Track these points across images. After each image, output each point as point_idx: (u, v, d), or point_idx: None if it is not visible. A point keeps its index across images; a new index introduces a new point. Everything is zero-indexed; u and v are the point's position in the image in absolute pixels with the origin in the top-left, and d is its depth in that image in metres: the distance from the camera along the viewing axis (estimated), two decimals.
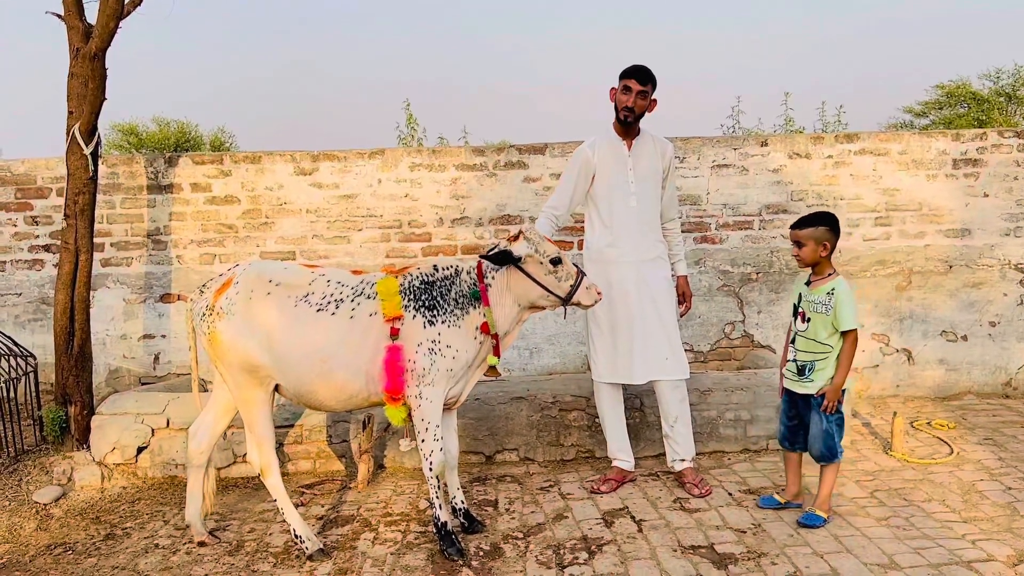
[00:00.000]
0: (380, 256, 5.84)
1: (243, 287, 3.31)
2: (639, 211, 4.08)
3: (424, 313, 3.31)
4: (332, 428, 4.57)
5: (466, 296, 3.38)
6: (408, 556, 3.37)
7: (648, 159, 4.10)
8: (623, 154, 4.10)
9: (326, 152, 5.83)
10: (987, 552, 3.19)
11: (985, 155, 5.93)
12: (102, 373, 5.73)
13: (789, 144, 5.94)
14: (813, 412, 3.56)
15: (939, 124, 18.10)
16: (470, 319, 3.38)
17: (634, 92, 3.97)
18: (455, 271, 3.43)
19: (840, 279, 3.56)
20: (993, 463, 4.31)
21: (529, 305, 3.47)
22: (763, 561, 3.19)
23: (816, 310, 3.54)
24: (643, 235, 4.09)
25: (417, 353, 3.28)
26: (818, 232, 3.53)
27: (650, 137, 4.14)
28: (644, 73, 3.99)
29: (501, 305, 3.41)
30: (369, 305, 3.31)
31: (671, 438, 4.14)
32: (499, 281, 3.42)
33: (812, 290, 3.58)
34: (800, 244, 3.57)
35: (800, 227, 3.58)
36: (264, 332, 3.26)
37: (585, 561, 3.26)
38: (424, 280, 3.38)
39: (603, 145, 4.12)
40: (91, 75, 4.53)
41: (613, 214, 4.09)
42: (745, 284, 5.93)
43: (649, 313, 4.04)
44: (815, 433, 3.54)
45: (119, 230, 5.79)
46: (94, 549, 3.61)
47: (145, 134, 20.10)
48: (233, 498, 4.22)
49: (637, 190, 4.07)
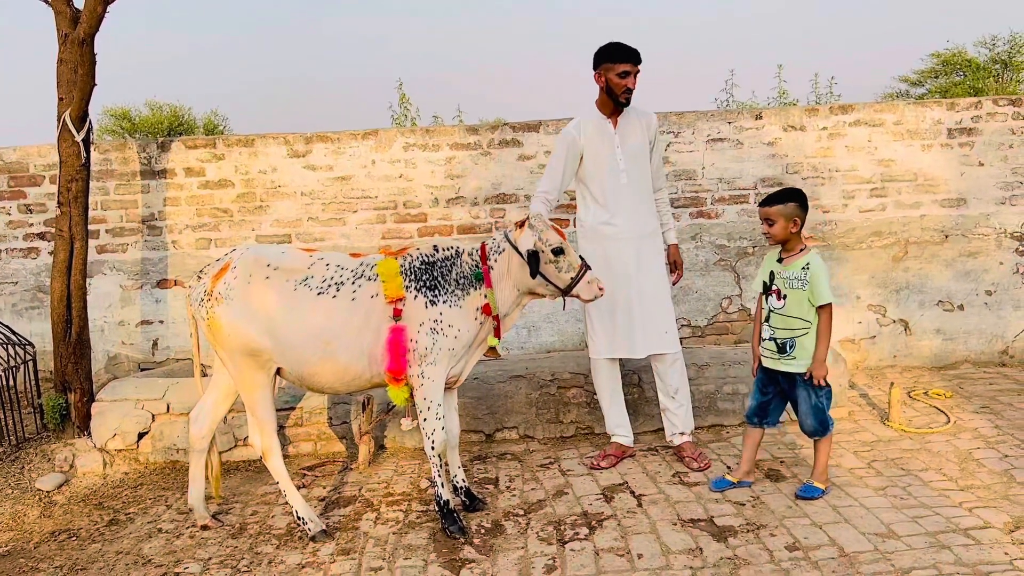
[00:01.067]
0: (376, 238, 5.83)
1: (241, 272, 3.31)
2: (631, 187, 4.08)
3: (426, 293, 3.32)
4: (332, 410, 4.59)
5: (467, 277, 3.39)
6: (410, 535, 3.40)
7: (634, 135, 4.11)
8: (609, 132, 4.10)
9: (319, 134, 5.81)
10: (984, 519, 3.22)
11: (980, 124, 5.92)
12: (101, 360, 5.74)
13: (784, 117, 5.92)
14: (800, 389, 3.54)
15: (935, 93, 18.02)
16: (471, 299, 3.39)
17: (633, 74, 3.97)
18: (455, 252, 3.44)
19: (813, 253, 3.54)
20: (990, 431, 4.34)
21: (527, 291, 3.48)
22: (762, 533, 3.22)
23: (792, 286, 3.51)
24: (637, 210, 4.10)
25: (419, 333, 3.29)
26: (788, 208, 3.50)
27: (633, 112, 4.14)
28: (637, 53, 3.97)
29: (500, 288, 3.43)
30: (370, 287, 3.31)
31: (670, 411, 4.17)
32: (500, 264, 3.43)
33: (786, 266, 3.55)
34: (770, 222, 3.53)
35: (769, 204, 3.54)
36: (264, 316, 3.26)
37: (586, 536, 3.28)
38: (424, 260, 3.38)
39: (589, 125, 4.12)
40: (80, 61, 4.49)
41: (606, 192, 4.09)
42: (741, 258, 5.93)
43: (647, 288, 4.07)
44: (805, 410, 3.53)
45: (114, 216, 5.78)
46: (98, 535, 3.63)
47: (138, 118, 19.98)
48: (235, 481, 4.24)
49: (627, 167, 4.08)
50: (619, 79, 3.98)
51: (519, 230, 3.41)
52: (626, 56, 3.96)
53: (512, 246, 3.41)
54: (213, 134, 19.30)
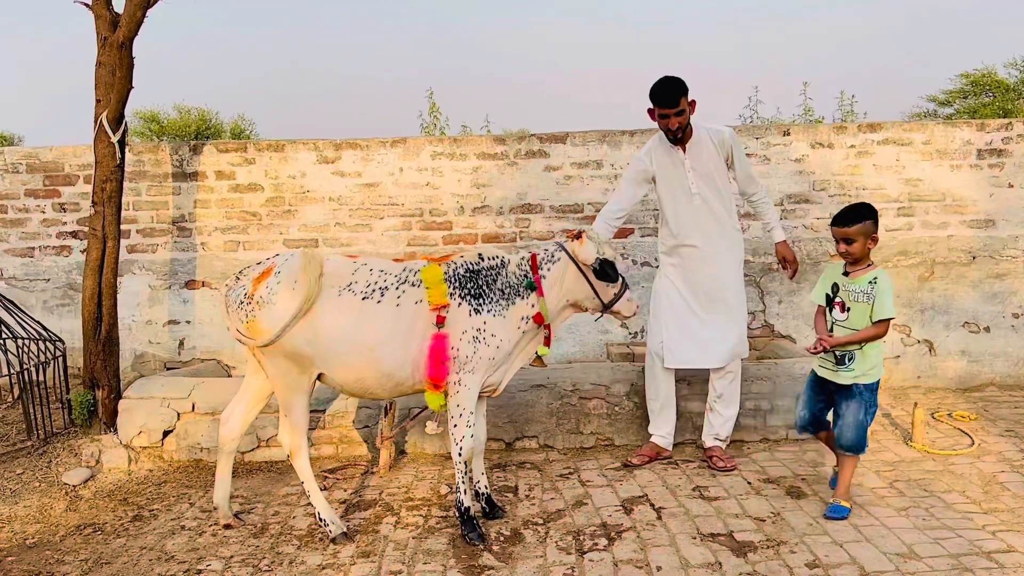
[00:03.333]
0: (401, 244, 5.87)
1: (285, 276, 3.31)
2: (705, 207, 4.21)
3: (470, 301, 3.34)
4: (355, 414, 4.62)
5: (512, 287, 3.42)
6: (430, 540, 3.42)
7: (705, 156, 4.19)
8: (679, 158, 4.20)
9: (348, 141, 5.87)
10: (1008, 543, 3.19)
11: (1010, 145, 5.87)
12: (128, 358, 5.82)
13: (811, 134, 5.91)
14: (851, 401, 3.54)
15: (963, 113, 17.86)
16: (515, 309, 3.41)
17: (670, 116, 4.04)
18: (501, 262, 3.47)
19: (881, 269, 3.56)
20: (1015, 455, 4.30)
21: (574, 302, 3.54)
22: (782, 549, 3.21)
23: (857, 299, 3.51)
24: (712, 228, 4.23)
25: (461, 340, 3.31)
26: (867, 227, 3.51)
27: (705, 132, 4.20)
28: (671, 96, 4.01)
29: (549, 297, 3.46)
30: (414, 293, 3.33)
31: (714, 412, 4.35)
32: (553, 274, 3.47)
33: (852, 280, 3.56)
34: (850, 240, 3.52)
35: (848, 224, 3.52)
36: (308, 322, 3.27)
37: (605, 547, 3.29)
38: (469, 268, 3.41)
39: (659, 151, 4.25)
40: (118, 64, 4.58)
41: (678, 214, 4.24)
42: (766, 274, 5.92)
43: (724, 303, 4.22)
44: (850, 422, 3.52)
45: (144, 217, 5.87)
46: (122, 530, 3.68)
47: (167, 121, 20.25)
48: (257, 481, 4.28)
49: (699, 190, 4.19)
50: (660, 120, 4.09)
51: (578, 241, 3.45)
52: (657, 101, 4.04)
53: (569, 256, 3.45)
54: (240, 138, 19.51)
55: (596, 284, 3.46)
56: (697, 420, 4.63)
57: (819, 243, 5.90)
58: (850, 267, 3.60)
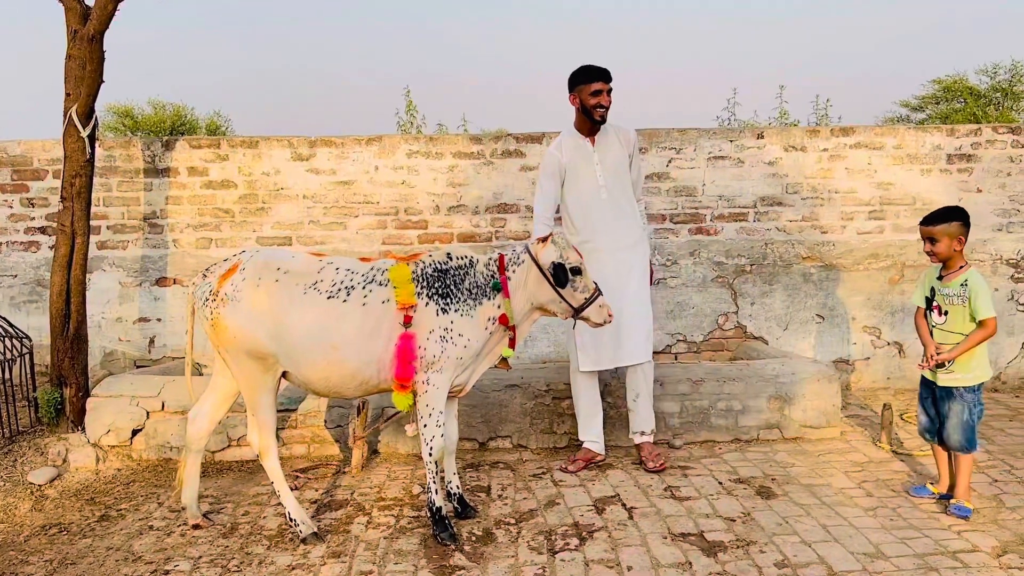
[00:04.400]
0: (376, 243, 5.85)
1: (250, 273, 3.30)
2: (611, 201, 4.21)
3: (437, 300, 3.33)
4: (327, 413, 4.59)
5: (480, 287, 3.41)
6: (401, 540, 3.41)
7: (613, 150, 4.23)
8: (588, 150, 4.23)
9: (323, 138, 5.84)
10: (972, 543, 3.24)
11: (979, 150, 5.97)
12: (97, 356, 5.75)
13: (785, 137, 5.96)
14: (954, 403, 3.57)
15: (935, 119, 18.11)
16: (483, 309, 3.41)
17: (605, 92, 4.10)
18: (469, 262, 3.46)
19: (973, 270, 3.56)
20: (981, 456, 4.36)
21: (539, 306, 3.53)
22: (752, 549, 3.23)
23: (953, 303, 3.55)
24: (616, 224, 4.22)
25: (428, 340, 3.30)
26: (952, 228, 3.51)
27: (611, 128, 4.27)
28: (606, 73, 4.13)
29: (515, 300, 3.46)
30: (381, 292, 3.32)
31: (632, 412, 4.32)
32: (518, 276, 3.46)
33: (945, 284, 3.59)
34: (934, 240, 3.54)
35: (934, 223, 3.54)
36: (272, 320, 3.26)
37: (576, 547, 3.29)
38: (437, 268, 3.40)
39: (568, 143, 4.27)
40: (89, 57, 4.52)
41: (585, 208, 4.23)
42: (739, 276, 5.96)
43: (629, 300, 4.17)
44: (955, 423, 3.56)
45: (115, 213, 5.79)
46: (88, 530, 3.63)
47: (141, 117, 20.01)
48: (227, 481, 4.24)
49: (606, 182, 4.21)
50: (592, 98, 4.12)
51: (541, 245, 3.46)
52: (598, 75, 4.11)
53: (533, 259, 3.45)
54: (216, 134, 19.33)
55: (561, 288, 3.45)
56: (668, 419, 4.66)
57: (791, 245, 5.95)
58: (944, 271, 3.62)
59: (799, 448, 4.56)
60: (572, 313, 3.51)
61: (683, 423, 4.70)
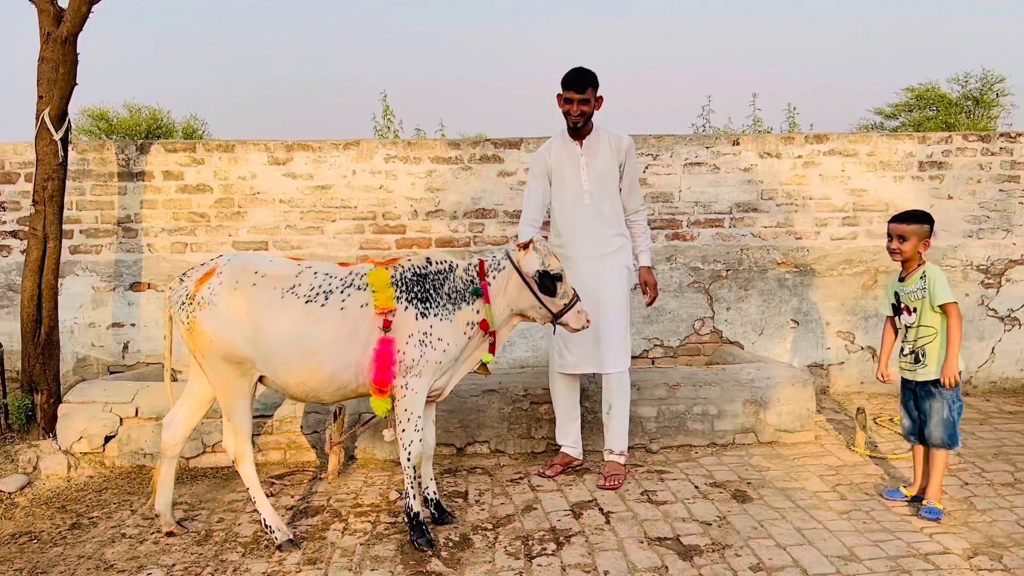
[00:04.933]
0: (354, 248, 5.83)
1: (227, 277, 3.28)
2: (593, 208, 4.17)
3: (416, 305, 3.33)
4: (303, 419, 4.57)
5: (459, 292, 3.42)
6: (378, 547, 3.39)
7: (602, 156, 4.18)
8: (576, 153, 4.19)
9: (301, 142, 5.81)
10: (944, 545, 3.28)
11: (950, 158, 6.06)
12: (69, 361, 5.68)
13: (760, 143, 6.02)
14: (934, 401, 3.64)
15: (908, 126, 18.35)
16: (461, 314, 3.41)
17: (575, 102, 4.05)
18: (449, 266, 3.46)
19: (929, 264, 3.68)
20: (952, 459, 4.41)
21: (519, 312, 3.54)
22: (727, 553, 3.25)
23: (917, 298, 3.66)
24: (597, 231, 4.18)
25: (408, 344, 3.29)
26: (923, 229, 3.63)
27: (605, 134, 4.22)
28: (580, 81, 4.04)
29: (495, 305, 3.46)
30: (360, 296, 3.31)
31: (607, 427, 4.27)
32: (498, 281, 3.47)
33: (906, 283, 3.70)
34: (903, 238, 3.64)
35: (907, 221, 3.66)
36: (249, 324, 3.24)
37: (553, 552, 3.30)
38: (416, 272, 3.40)
39: (557, 145, 4.24)
40: (62, 60, 4.47)
41: (567, 212, 4.21)
42: (715, 281, 6.00)
43: (604, 307, 4.13)
44: (936, 421, 3.63)
45: (89, 217, 5.73)
46: (60, 538, 3.58)
47: (116, 120, 19.77)
48: (202, 488, 4.21)
49: (590, 187, 4.17)
50: (564, 104, 4.09)
51: (523, 252, 3.47)
52: (567, 83, 4.05)
53: (514, 266, 3.46)
54: (192, 138, 19.15)
55: (540, 295, 3.46)
56: (646, 424, 4.68)
57: (767, 251, 6.00)
58: (904, 273, 3.73)
59: (774, 452, 4.60)
60: (551, 319, 3.53)
61: (660, 427, 4.72)
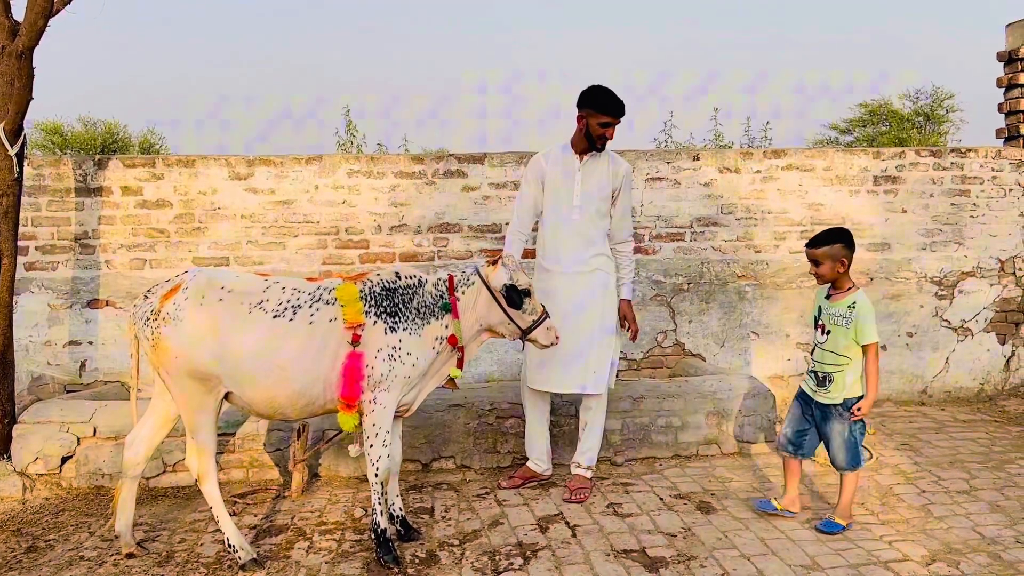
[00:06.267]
0: (316, 263, 5.80)
1: (193, 292, 3.25)
2: (580, 225, 4.15)
3: (385, 319, 3.33)
4: (266, 437, 4.52)
5: (428, 306, 3.42)
6: (343, 565, 3.36)
7: (598, 176, 4.16)
8: (573, 167, 4.17)
9: (262, 157, 5.77)
10: (903, 552, 3.34)
11: (904, 172, 6.21)
12: (24, 381, 5.54)
13: (720, 159, 6.12)
14: (834, 422, 3.60)
15: (862, 141, 18.80)
16: (430, 328, 3.41)
17: (611, 127, 4.05)
18: (418, 281, 3.47)
19: (860, 292, 3.61)
20: (909, 467, 4.51)
21: (489, 327, 3.55)
22: (692, 564, 3.28)
23: (836, 323, 3.58)
24: (581, 249, 4.15)
25: (376, 359, 3.29)
26: (834, 250, 3.57)
27: (606, 156, 4.19)
28: (621, 109, 4.05)
29: (463, 320, 3.47)
30: (328, 311, 3.30)
31: (580, 442, 4.29)
32: (467, 297, 3.48)
33: (832, 303, 3.63)
34: (817, 263, 3.61)
35: (816, 246, 3.62)
36: (216, 339, 3.20)
37: (520, 567, 3.30)
38: (385, 287, 3.39)
39: (556, 156, 4.21)
40: (17, 74, 4.40)
41: (554, 226, 4.19)
42: (677, 294, 6.07)
43: (581, 326, 4.10)
44: (838, 444, 3.59)
45: (44, 233, 5.62)
46: (15, 562, 3.49)
47: (70, 134, 19.48)
48: (163, 508, 4.13)
49: (580, 204, 4.14)
50: (600, 128, 4.05)
51: (492, 267, 3.48)
52: (613, 111, 4.02)
53: (483, 282, 3.47)
54: (149, 152, 18.92)
55: (510, 311, 3.48)
56: (611, 436, 4.70)
57: (727, 264, 6.09)
58: (832, 290, 3.67)
59: (737, 463, 4.66)
60: (520, 335, 3.54)
61: (624, 440, 4.75)
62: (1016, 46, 6.33)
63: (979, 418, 5.68)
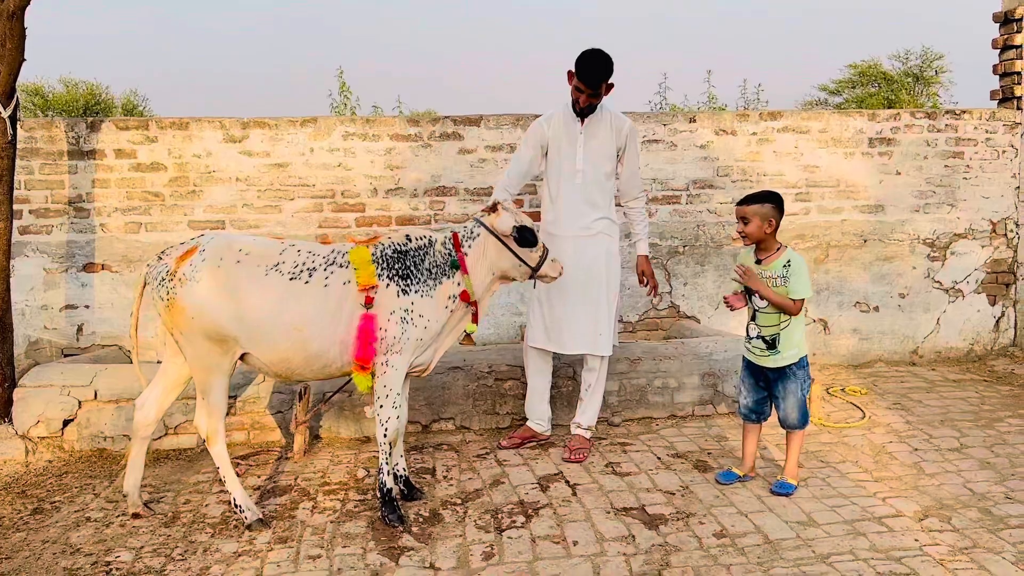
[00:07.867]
0: (312, 226, 5.78)
1: (211, 254, 3.27)
2: (583, 187, 4.17)
3: (398, 282, 3.35)
4: (268, 399, 4.55)
5: (439, 266, 3.45)
6: (348, 524, 3.42)
7: (601, 137, 4.16)
8: (575, 131, 4.17)
9: (257, 119, 5.72)
10: (896, 508, 3.43)
11: (898, 135, 6.22)
12: (21, 345, 5.54)
13: (716, 121, 6.11)
14: (788, 382, 3.63)
15: (852, 103, 18.73)
16: (442, 288, 3.45)
17: (584, 94, 4.03)
18: (428, 241, 3.49)
19: (791, 251, 3.63)
20: (901, 426, 4.60)
21: (501, 274, 3.59)
22: (691, 521, 3.35)
23: (775, 284, 3.59)
24: (585, 212, 4.18)
25: (389, 321, 3.32)
26: (764, 209, 3.59)
27: (608, 115, 4.19)
28: (595, 78, 3.98)
29: (476, 273, 3.51)
30: (342, 274, 3.33)
31: (582, 402, 4.35)
32: (476, 249, 3.51)
33: (765, 266, 3.63)
34: (746, 220, 3.62)
35: (747, 203, 3.63)
36: (233, 301, 3.23)
37: (522, 524, 3.36)
38: (397, 249, 3.42)
39: (558, 120, 4.20)
40: (9, 34, 4.33)
41: (558, 189, 4.20)
42: (672, 257, 6.10)
43: (585, 287, 4.16)
44: (792, 403, 3.62)
45: (38, 197, 5.58)
46: (22, 524, 3.53)
47: (52, 95, 19.21)
48: (166, 470, 4.17)
49: (584, 167, 4.15)
50: (574, 92, 4.07)
51: (493, 214, 3.51)
52: (582, 76, 3.99)
53: (489, 230, 3.50)
54: (132, 114, 18.68)
55: (519, 251, 3.52)
56: (608, 398, 4.75)
57: (722, 227, 6.11)
58: (760, 254, 3.67)
59: (732, 423, 4.73)
60: (531, 273, 3.58)
61: (621, 401, 4.81)
62: (1012, 7, 6.31)
63: (969, 378, 5.77)
